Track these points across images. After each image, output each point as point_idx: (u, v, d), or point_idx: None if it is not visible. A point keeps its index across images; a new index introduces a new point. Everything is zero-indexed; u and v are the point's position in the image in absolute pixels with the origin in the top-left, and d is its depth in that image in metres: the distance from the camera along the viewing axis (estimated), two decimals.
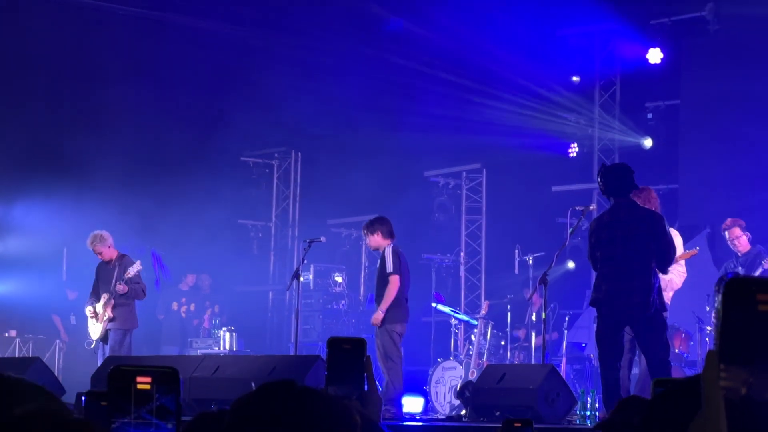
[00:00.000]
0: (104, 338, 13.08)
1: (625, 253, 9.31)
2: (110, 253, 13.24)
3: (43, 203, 17.52)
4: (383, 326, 11.39)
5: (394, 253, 11.52)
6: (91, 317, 13.15)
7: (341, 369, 2.86)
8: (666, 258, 9.35)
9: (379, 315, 11.35)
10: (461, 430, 10.02)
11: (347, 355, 2.87)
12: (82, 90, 17.68)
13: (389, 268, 11.40)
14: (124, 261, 13.18)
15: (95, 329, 13.13)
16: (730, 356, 1.15)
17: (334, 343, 2.91)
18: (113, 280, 13.02)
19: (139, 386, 1.95)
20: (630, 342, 9.63)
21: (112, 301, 12.98)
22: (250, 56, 18.54)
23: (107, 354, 12.78)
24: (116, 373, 1.98)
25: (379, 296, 11.54)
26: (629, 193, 9.45)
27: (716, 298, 1.11)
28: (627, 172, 9.46)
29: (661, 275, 9.42)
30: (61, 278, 18.01)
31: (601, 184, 9.55)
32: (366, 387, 2.86)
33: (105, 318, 13.01)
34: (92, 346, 13.27)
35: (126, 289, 12.98)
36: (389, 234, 11.64)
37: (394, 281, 11.36)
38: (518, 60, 16.64)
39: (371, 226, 11.74)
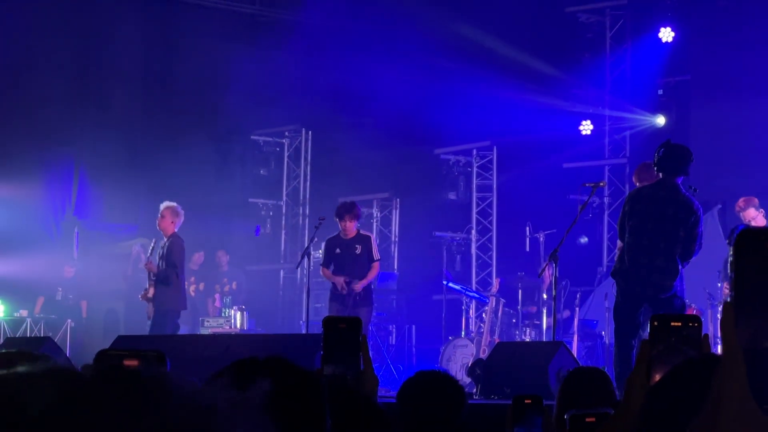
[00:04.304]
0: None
1: (654, 232, 9.26)
2: (167, 227, 12.82)
3: (53, 182, 17.52)
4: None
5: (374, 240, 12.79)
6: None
7: (337, 348, 2.84)
8: (689, 250, 9.30)
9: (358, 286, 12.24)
10: (472, 408, 9.97)
11: (343, 334, 2.85)
12: (89, 67, 17.66)
13: (377, 255, 12.58)
14: (169, 241, 12.73)
15: (150, 309, 12.85)
16: (746, 306, 1.17)
17: (330, 323, 2.89)
18: (158, 258, 12.75)
19: None
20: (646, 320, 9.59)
21: (152, 281, 12.66)
22: (258, 34, 18.48)
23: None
24: (102, 357, 1.96)
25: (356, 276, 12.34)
26: (679, 176, 9.38)
27: (729, 251, 1.16)
28: (687, 157, 9.40)
29: None
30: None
31: (657, 156, 9.45)
32: (362, 366, 2.85)
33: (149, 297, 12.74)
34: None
35: (152, 268, 12.62)
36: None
37: (377, 267, 12.65)
38: (528, 37, 16.55)
39: (356, 211, 12.49)
